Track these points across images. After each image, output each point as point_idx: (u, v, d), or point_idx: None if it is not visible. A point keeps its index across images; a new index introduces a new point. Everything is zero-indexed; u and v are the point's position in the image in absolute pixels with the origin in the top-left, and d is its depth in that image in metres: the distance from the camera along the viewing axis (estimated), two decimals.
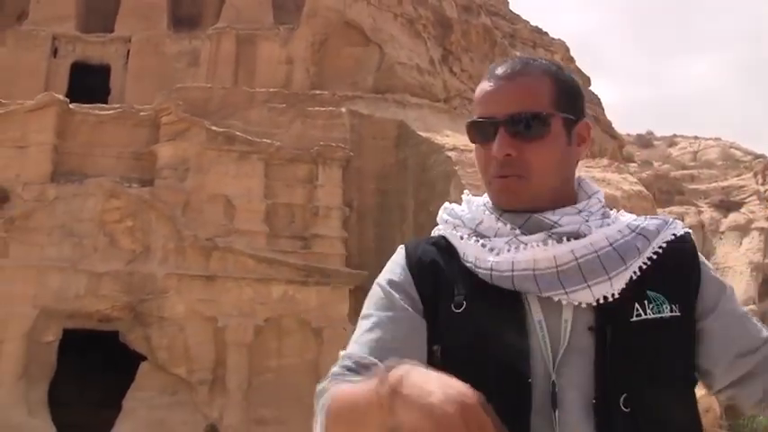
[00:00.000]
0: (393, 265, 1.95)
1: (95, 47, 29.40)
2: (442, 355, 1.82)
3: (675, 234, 1.94)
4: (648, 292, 1.83)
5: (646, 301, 1.82)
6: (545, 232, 1.84)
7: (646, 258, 1.87)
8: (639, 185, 25.48)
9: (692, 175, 61.54)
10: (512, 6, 41.28)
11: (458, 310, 1.83)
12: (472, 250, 1.88)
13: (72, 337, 20.78)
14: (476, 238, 1.90)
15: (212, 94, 25.21)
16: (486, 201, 1.96)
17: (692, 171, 63.09)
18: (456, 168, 22.18)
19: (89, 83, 27.57)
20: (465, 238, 1.92)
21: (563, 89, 1.92)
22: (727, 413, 28.01)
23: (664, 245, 1.90)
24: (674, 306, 1.84)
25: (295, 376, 20.93)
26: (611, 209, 2.00)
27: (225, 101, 24.91)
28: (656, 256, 1.88)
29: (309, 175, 23.16)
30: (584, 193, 1.97)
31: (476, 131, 1.92)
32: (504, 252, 1.84)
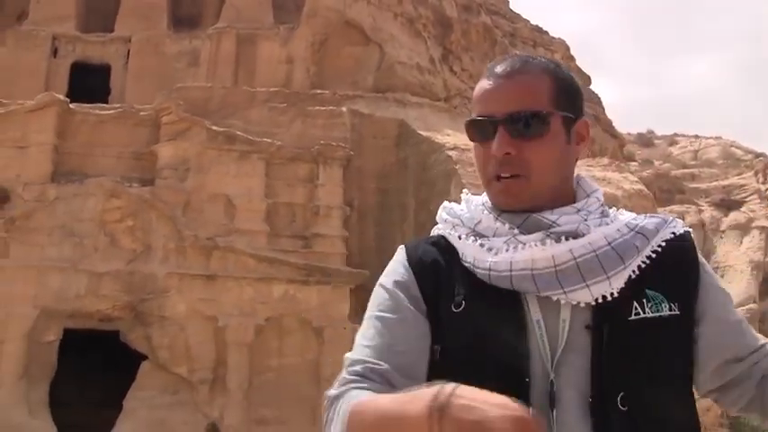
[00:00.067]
0: (395, 265, 1.94)
1: (95, 47, 29.39)
2: (441, 355, 1.82)
3: (675, 233, 1.93)
4: (647, 290, 1.83)
5: (644, 300, 1.81)
6: (543, 232, 1.83)
7: (645, 257, 1.86)
8: (640, 184, 25.45)
9: (692, 174, 61.44)
10: (512, 5, 41.26)
11: (457, 309, 1.83)
12: (471, 250, 1.87)
13: (72, 336, 20.78)
14: (474, 237, 1.90)
15: (213, 93, 25.20)
16: (485, 200, 1.95)
17: (693, 170, 62.99)
18: (456, 167, 22.18)
19: (89, 83, 27.57)
20: (463, 237, 1.91)
21: (562, 87, 1.91)
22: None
23: (663, 243, 1.90)
24: (673, 305, 1.84)
25: (296, 376, 20.94)
26: (610, 208, 1.99)
27: (225, 100, 24.90)
28: (655, 254, 1.88)
29: (310, 174, 23.15)
30: (583, 191, 1.96)
31: (475, 130, 1.91)
32: (503, 252, 1.83)
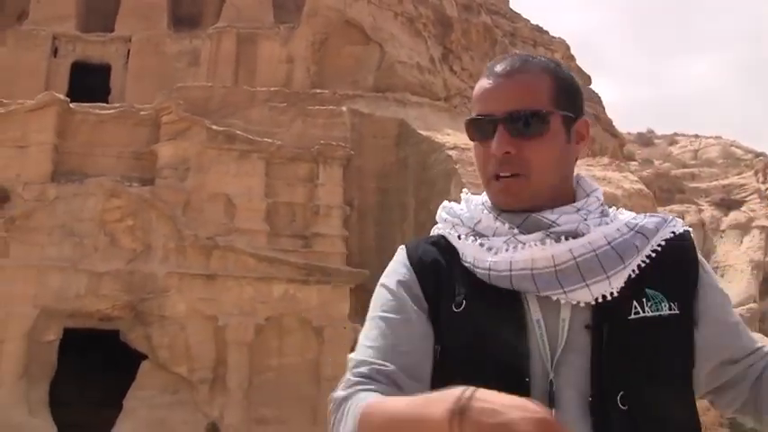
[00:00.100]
0: (396, 265, 1.93)
1: (96, 46, 29.40)
2: (441, 355, 1.82)
3: (675, 232, 1.93)
4: (647, 290, 1.82)
5: (644, 299, 1.81)
6: (543, 231, 1.83)
7: (644, 256, 1.86)
8: (640, 184, 25.45)
9: (692, 174, 61.43)
10: (512, 5, 41.24)
11: (458, 309, 1.82)
12: (470, 250, 1.87)
13: (72, 336, 20.78)
14: (474, 237, 1.89)
15: (213, 93, 25.20)
16: (485, 200, 1.95)
17: (693, 169, 62.98)
18: (456, 167, 22.18)
19: (89, 82, 27.57)
20: (463, 237, 1.91)
21: (562, 87, 1.91)
22: None
23: (663, 243, 1.89)
24: (672, 304, 1.83)
25: (296, 375, 20.94)
26: (610, 207, 1.99)
27: (225, 100, 24.90)
28: (655, 254, 1.87)
29: (310, 173, 23.14)
30: (583, 191, 1.96)
31: (475, 129, 1.91)
32: (503, 251, 1.83)
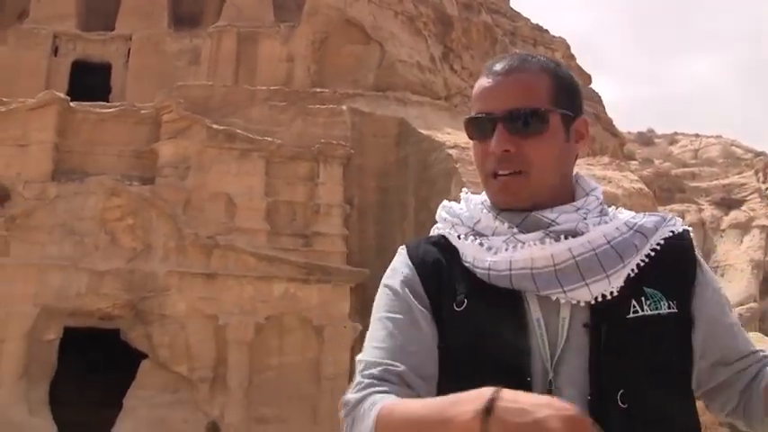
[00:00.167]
0: (399, 265, 1.94)
1: (96, 45, 29.38)
2: (443, 355, 1.82)
3: (674, 231, 1.93)
4: (646, 288, 1.83)
5: (643, 298, 1.81)
6: (543, 231, 1.83)
7: (643, 255, 1.86)
8: (640, 183, 25.41)
9: (692, 173, 61.37)
10: (512, 4, 41.21)
11: (459, 308, 1.83)
12: (470, 249, 1.88)
13: (73, 335, 20.77)
14: (474, 236, 1.90)
15: (213, 92, 25.18)
16: (485, 199, 1.95)
17: (693, 169, 62.93)
18: (457, 166, 22.16)
19: (90, 81, 27.55)
20: (463, 237, 1.91)
21: (561, 86, 1.91)
22: None
23: (662, 242, 1.90)
24: (671, 303, 1.84)
25: (296, 374, 20.94)
26: (610, 206, 2.00)
27: (226, 99, 24.88)
28: (654, 253, 1.88)
29: (310, 172, 23.13)
30: (582, 190, 1.96)
31: (474, 128, 1.91)
32: (502, 251, 1.83)
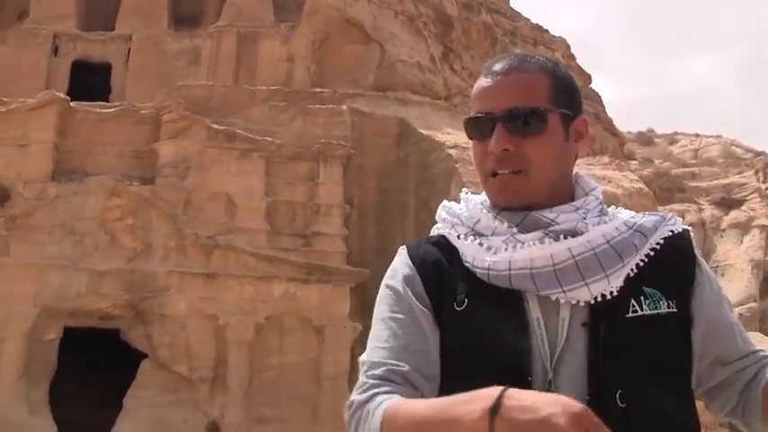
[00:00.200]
0: (399, 265, 1.94)
1: (96, 45, 29.38)
2: (444, 354, 1.83)
3: (673, 230, 1.93)
4: (645, 288, 1.83)
5: (642, 298, 1.81)
6: (542, 230, 1.84)
7: (643, 255, 1.86)
8: (640, 183, 25.40)
9: (692, 173, 61.33)
10: (512, 4, 41.21)
11: (460, 308, 1.83)
12: (470, 249, 1.88)
13: (73, 335, 20.77)
14: (473, 236, 1.90)
15: (213, 92, 25.18)
16: (484, 199, 1.96)
17: (693, 169, 62.89)
18: (457, 166, 22.16)
19: (90, 81, 27.55)
20: (462, 237, 1.91)
21: (560, 85, 1.92)
22: None
23: (661, 241, 1.90)
24: (670, 302, 1.84)
25: (296, 374, 20.94)
26: (609, 206, 2.00)
27: (226, 99, 24.88)
28: (654, 252, 1.88)
29: (310, 172, 23.13)
30: (582, 189, 1.96)
31: (473, 128, 1.92)
32: (502, 251, 1.83)
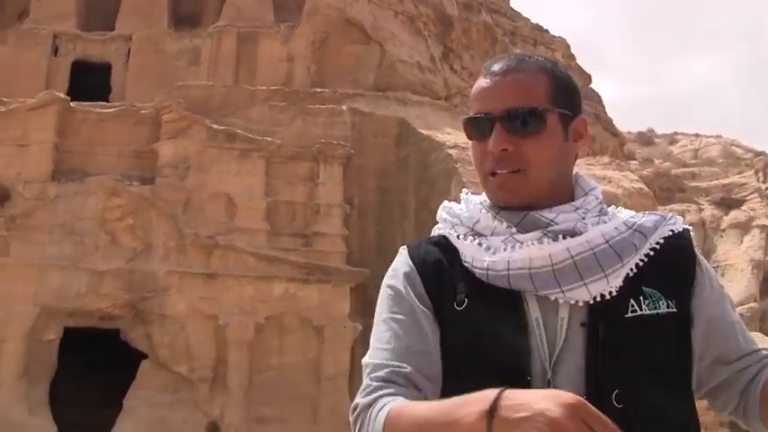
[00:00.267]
0: (400, 266, 1.95)
1: (96, 45, 29.38)
2: (444, 354, 1.83)
3: (674, 230, 1.93)
4: (645, 288, 1.82)
5: (642, 298, 1.81)
6: (541, 230, 1.84)
7: (643, 255, 1.86)
8: (640, 183, 25.40)
9: (692, 173, 61.31)
10: (512, 4, 41.21)
11: (460, 307, 1.83)
12: (469, 249, 1.88)
13: (73, 335, 20.77)
14: (473, 236, 1.90)
15: (213, 92, 25.18)
16: (484, 199, 1.96)
17: (693, 169, 62.87)
18: (457, 166, 22.16)
19: (90, 81, 27.55)
20: (462, 237, 1.92)
21: (559, 85, 1.92)
22: None
23: (661, 241, 1.90)
24: (670, 302, 1.83)
25: (296, 374, 20.94)
26: (609, 206, 2.00)
27: (226, 99, 24.88)
28: (654, 252, 1.87)
29: (310, 172, 23.13)
30: (582, 189, 1.96)
31: (473, 128, 1.92)
32: (501, 251, 1.83)
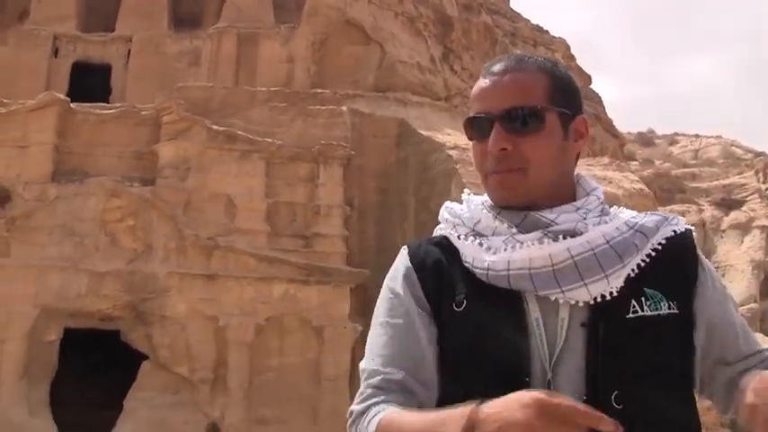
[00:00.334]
0: (399, 267, 1.95)
1: (96, 46, 29.39)
2: (442, 355, 1.83)
3: (675, 231, 1.92)
4: (646, 289, 1.82)
5: (643, 298, 1.81)
6: (541, 231, 1.83)
7: (644, 255, 1.85)
8: (641, 184, 25.40)
9: (693, 174, 61.33)
10: (512, 4, 41.20)
11: (459, 308, 1.83)
12: (470, 250, 1.88)
13: (73, 336, 20.77)
14: (474, 237, 1.90)
15: (213, 93, 25.18)
16: (485, 200, 1.96)
17: (693, 169, 62.88)
18: (457, 167, 22.16)
19: (90, 82, 27.55)
20: (463, 237, 1.92)
21: (558, 85, 1.92)
22: None
23: (663, 241, 1.89)
24: (671, 303, 1.83)
25: (296, 375, 20.94)
26: (611, 206, 1.99)
27: (226, 100, 24.88)
28: (655, 252, 1.87)
29: (310, 173, 23.13)
30: (583, 190, 1.96)
31: (472, 128, 1.92)
32: (501, 251, 1.83)
